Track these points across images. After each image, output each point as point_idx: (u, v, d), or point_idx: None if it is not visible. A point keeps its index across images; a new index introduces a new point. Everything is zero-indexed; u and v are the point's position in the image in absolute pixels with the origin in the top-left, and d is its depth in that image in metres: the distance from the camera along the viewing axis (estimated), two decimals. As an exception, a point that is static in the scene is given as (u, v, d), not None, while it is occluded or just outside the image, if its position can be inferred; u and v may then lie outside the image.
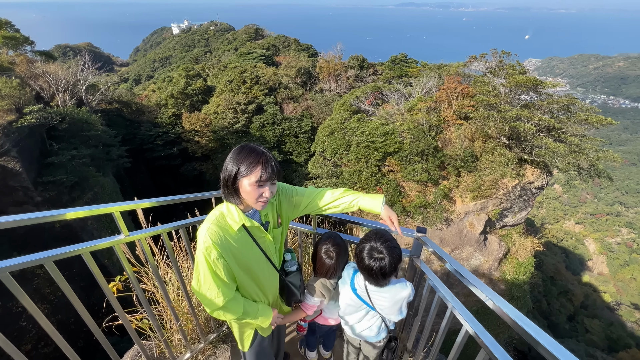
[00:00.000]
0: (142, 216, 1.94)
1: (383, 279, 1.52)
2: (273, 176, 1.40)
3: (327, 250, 1.78)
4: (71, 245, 1.40)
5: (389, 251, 1.47)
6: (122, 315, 1.70)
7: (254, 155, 1.36)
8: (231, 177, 1.38)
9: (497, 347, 0.93)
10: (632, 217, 51.65)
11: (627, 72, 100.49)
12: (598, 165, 15.44)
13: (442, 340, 1.36)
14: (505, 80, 16.45)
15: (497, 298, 1.03)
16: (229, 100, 25.49)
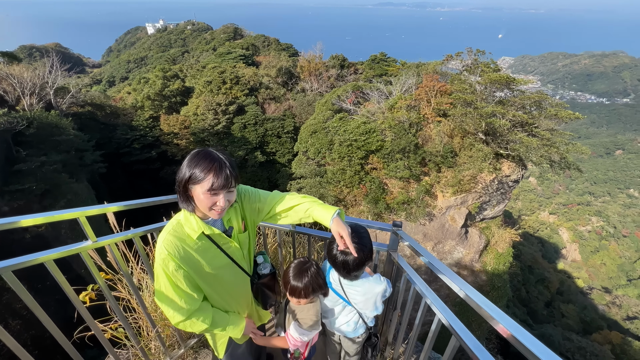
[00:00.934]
0: (114, 221, 1.86)
1: (347, 273, 1.53)
2: (227, 184, 1.32)
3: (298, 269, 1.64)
4: (33, 253, 1.32)
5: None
6: (92, 324, 1.63)
7: (208, 161, 1.28)
8: (182, 183, 1.31)
9: (467, 334, 0.96)
10: (600, 206, 54.77)
11: (592, 69, 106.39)
12: (568, 157, 16.28)
13: (418, 332, 1.39)
14: (480, 78, 17.01)
15: (467, 287, 1.06)
16: (208, 101, 24.99)
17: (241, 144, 24.84)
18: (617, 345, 28.07)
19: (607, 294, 40.87)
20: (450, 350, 1.02)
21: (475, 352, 0.88)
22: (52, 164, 16.14)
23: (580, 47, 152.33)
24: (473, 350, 0.89)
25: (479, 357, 0.87)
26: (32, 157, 15.66)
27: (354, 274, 1.54)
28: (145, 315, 1.86)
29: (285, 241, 2.74)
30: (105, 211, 1.58)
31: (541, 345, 0.80)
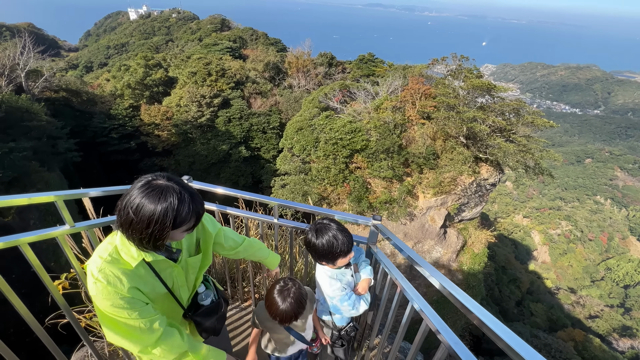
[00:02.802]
0: (90, 207, 1.81)
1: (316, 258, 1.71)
2: (197, 223, 1.17)
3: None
4: (7, 235, 1.27)
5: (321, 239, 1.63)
6: (67, 311, 1.58)
7: (186, 211, 1.06)
8: (160, 226, 1.05)
9: (437, 318, 1.03)
10: (569, 211, 57.80)
11: (567, 80, 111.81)
12: (542, 163, 17.09)
13: (392, 320, 1.46)
14: (463, 83, 17.52)
15: (441, 277, 1.13)
16: (192, 92, 24.37)
17: (225, 138, 24.43)
18: (579, 342, 29.95)
19: (572, 294, 43.34)
20: (421, 334, 1.09)
21: (442, 333, 0.94)
22: (22, 150, 15.27)
23: (558, 59, 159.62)
24: (441, 332, 0.96)
25: (446, 338, 0.93)
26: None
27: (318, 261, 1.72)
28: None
29: (267, 234, 2.76)
30: (83, 196, 1.54)
31: (505, 329, 0.87)
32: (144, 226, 1.01)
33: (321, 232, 1.61)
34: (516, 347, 0.79)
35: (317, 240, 1.61)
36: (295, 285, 1.53)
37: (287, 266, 2.63)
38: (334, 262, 1.63)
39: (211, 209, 2.11)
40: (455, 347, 0.91)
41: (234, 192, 1.97)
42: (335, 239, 1.57)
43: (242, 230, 2.55)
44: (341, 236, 1.57)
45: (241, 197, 2.01)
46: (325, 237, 1.59)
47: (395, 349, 1.45)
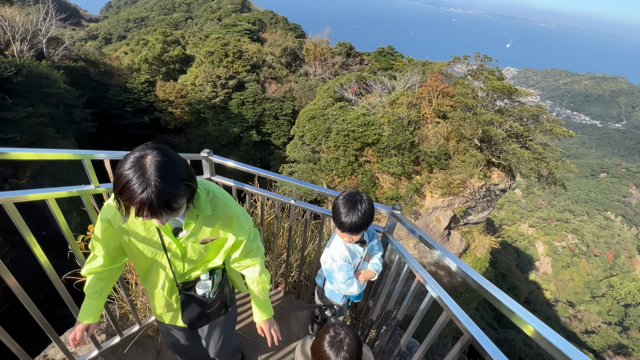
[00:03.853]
0: (111, 170, 1.83)
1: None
2: (157, 216, 1.02)
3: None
4: (34, 189, 1.30)
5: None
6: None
7: (129, 192, 0.95)
8: (114, 189, 1.01)
9: (457, 308, 1.02)
10: (577, 225, 56.78)
11: (591, 90, 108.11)
12: (556, 173, 16.71)
13: (407, 307, 1.45)
14: (483, 84, 17.08)
15: (460, 262, 1.11)
16: (208, 72, 24.32)
17: (237, 121, 24.44)
18: (572, 355, 29.87)
19: (570, 308, 43.00)
20: (440, 323, 1.08)
21: (464, 324, 0.93)
22: (39, 116, 15.54)
23: (583, 67, 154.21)
24: (462, 322, 0.95)
25: (469, 329, 0.91)
26: (17, 107, 15.02)
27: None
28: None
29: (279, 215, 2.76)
30: (109, 158, 1.56)
31: (524, 310, 0.84)
32: (113, 176, 1.04)
33: (346, 197, 1.61)
34: (540, 330, 0.77)
35: (338, 199, 1.63)
36: (349, 336, 1.25)
37: (298, 249, 2.65)
38: (339, 228, 1.64)
39: (228, 184, 2.11)
40: (477, 336, 0.90)
41: (253, 170, 1.97)
42: (344, 207, 1.57)
43: (257, 209, 2.56)
44: (351, 213, 1.54)
45: (259, 175, 2.01)
46: (341, 200, 1.60)
47: (405, 340, 1.45)
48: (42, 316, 1.48)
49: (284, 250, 2.57)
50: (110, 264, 1.36)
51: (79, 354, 1.81)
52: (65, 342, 1.89)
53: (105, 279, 1.38)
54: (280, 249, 2.62)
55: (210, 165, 2.07)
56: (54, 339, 1.56)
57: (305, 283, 2.68)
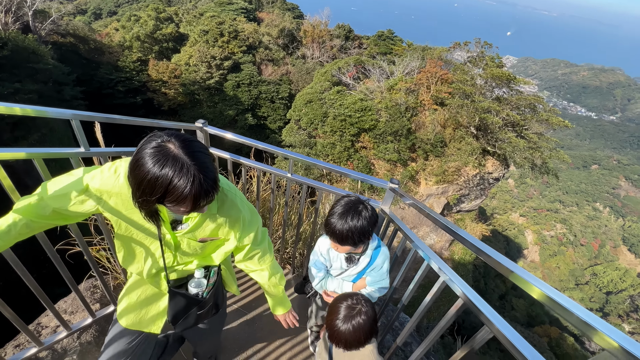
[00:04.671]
0: (100, 135, 1.78)
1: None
2: (205, 205, 0.94)
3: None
4: (21, 147, 1.25)
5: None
6: (79, 239, 1.59)
7: (177, 192, 0.84)
8: (142, 195, 0.87)
9: (451, 272, 1.03)
10: (566, 215, 58.05)
11: (589, 82, 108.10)
12: (549, 163, 16.89)
13: (402, 278, 1.46)
14: (483, 72, 16.93)
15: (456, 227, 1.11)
16: (203, 52, 23.65)
17: (232, 103, 24.02)
18: (554, 338, 31.23)
19: (555, 294, 44.48)
20: (437, 287, 1.09)
21: (462, 290, 0.94)
22: (27, 92, 15.05)
23: (583, 58, 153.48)
24: (460, 288, 0.95)
25: (467, 294, 0.92)
26: (4, 82, 14.51)
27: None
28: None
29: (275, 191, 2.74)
30: (98, 120, 1.50)
31: (507, 261, 0.84)
32: (135, 183, 0.86)
33: (349, 203, 1.38)
34: (539, 285, 0.77)
35: (341, 198, 1.44)
36: (366, 309, 1.19)
37: (294, 225, 2.65)
38: (324, 227, 1.45)
39: (224, 156, 2.07)
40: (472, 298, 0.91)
41: (250, 141, 1.93)
42: (340, 208, 1.37)
43: (253, 184, 2.54)
44: (341, 219, 1.34)
45: (256, 147, 1.97)
46: (343, 201, 1.39)
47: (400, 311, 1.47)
48: (36, 283, 1.46)
49: (280, 226, 2.56)
50: (43, 218, 1.09)
51: (72, 322, 1.81)
52: (59, 309, 1.89)
53: (22, 231, 1.07)
54: (276, 225, 2.62)
55: (205, 136, 2.03)
56: (48, 305, 1.55)
57: (300, 259, 2.70)
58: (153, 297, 1.36)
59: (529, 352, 0.70)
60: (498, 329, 0.77)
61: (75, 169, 1.12)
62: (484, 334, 0.84)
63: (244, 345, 2.11)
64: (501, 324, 0.79)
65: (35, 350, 1.57)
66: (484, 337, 0.84)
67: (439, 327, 1.07)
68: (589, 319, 0.55)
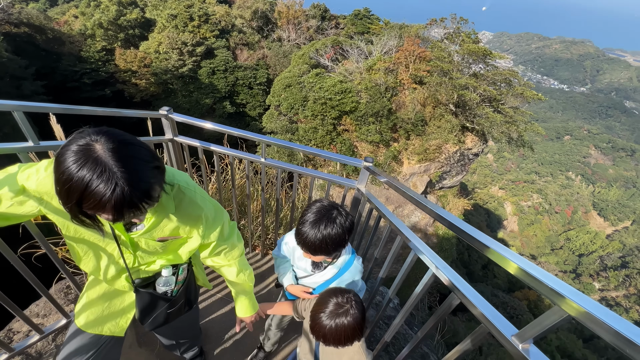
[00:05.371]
0: (59, 128, 1.66)
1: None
2: (138, 213, 0.82)
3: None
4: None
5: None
6: (42, 241, 1.49)
7: (95, 197, 0.73)
8: (59, 193, 0.77)
9: (423, 245, 1.04)
10: (542, 185, 60.88)
11: (561, 54, 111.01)
12: (525, 136, 17.47)
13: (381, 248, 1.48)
14: (459, 48, 17.00)
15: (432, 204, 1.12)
16: (172, 38, 22.48)
17: (209, 92, 23.20)
18: (532, 301, 33.54)
19: (533, 260, 47.31)
20: (409, 262, 1.11)
21: (431, 260, 0.95)
22: (-18, 90, 13.96)
23: (555, 31, 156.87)
24: (429, 259, 0.97)
25: (435, 263, 0.93)
26: (-46, 80, 13.38)
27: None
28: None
29: (252, 178, 2.69)
30: (49, 110, 1.39)
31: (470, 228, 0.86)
32: (54, 182, 0.76)
33: (322, 208, 1.23)
34: (511, 257, 0.80)
35: (315, 203, 1.27)
36: (354, 311, 1.09)
37: (273, 212, 2.62)
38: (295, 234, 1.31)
39: (193, 144, 2.00)
40: (441, 268, 0.92)
41: (220, 127, 1.86)
42: (312, 215, 1.22)
43: (227, 172, 2.47)
44: (313, 227, 1.19)
45: (228, 133, 1.90)
46: (316, 207, 1.24)
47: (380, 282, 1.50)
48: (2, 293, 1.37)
49: (260, 213, 2.53)
50: None
51: (45, 324, 1.75)
52: (30, 314, 1.81)
53: None
54: (256, 212, 2.58)
55: (171, 124, 1.93)
56: (14, 311, 1.48)
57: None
58: (115, 296, 1.27)
59: (489, 311, 0.72)
60: (463, 293, 0.79)
61: (10, 166, 1.00)
62: (451, 300, 0.86)
63: (230, 333, 2.11)
64: (465, 289, 0.80)
65: (6, 356, 1.51)
66: (451, 302, 0.86)
67: (414, 296, 1.09)
68: (557, 286, 0.56)
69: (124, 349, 1.95)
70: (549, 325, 0.57)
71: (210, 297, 2.28)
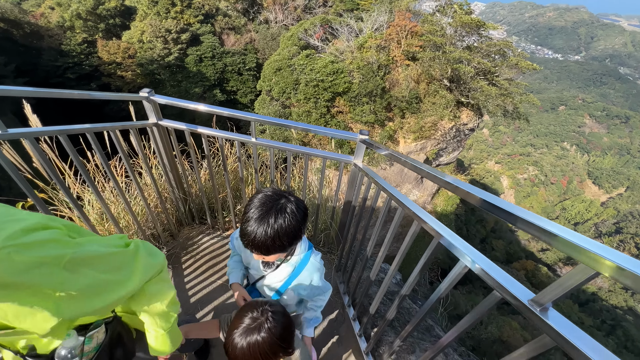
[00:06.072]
0: (35, 118, 1.56)
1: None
2: None
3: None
4: None
5: None
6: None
7: None
8: None
9: (427, 215, 0.98)
10: (537, 157, 61.20)
11: (555, 22, 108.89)
12: (520, 108, 17.32)
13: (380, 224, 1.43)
14: (452, 20, 16.54)
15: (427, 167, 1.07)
16: (155, 26, 21.65)
17: (197, 80, 22.62)
18: (530, 271, 34.47)
19: (529, 231, 48.17)
20: (411, 234, 1.06)
21: (436, 228, 0.89)
22: (-38, 91, 13.45)
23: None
24: (434, 227, 0.91)
25: (440, 232, 0.88)
26: None
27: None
28: (90, 229, 1.70)
29: (245, 162, 2.61)
30: (18, 94, 1.27)
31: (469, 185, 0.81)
32: None
33: (267, 198, 1.02)
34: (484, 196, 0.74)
35: (258, 193, 1.05)
36: (271, 324, 0.93)
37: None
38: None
39: (179, 127, 1.90)
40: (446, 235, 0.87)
41: (207, 107, 1.76)
42: (256, 209, 0.99)
43: (218, 156, 2.38)
44: (257, 222, 0.98)
45: (217, 113, 1.80)
46: (259, 197, 1.02)
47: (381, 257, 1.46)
48: None
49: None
50: None
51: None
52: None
53: None
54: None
55: (154, 107, 1.83)
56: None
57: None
58: None
59: (502, 276, 0.67)
60: (471, 259, 0.74)
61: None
62: (459, 268, 0.81)
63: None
64: (474, 255, 0.75)
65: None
66: (459, 271, 0.82)
67: (419, 266, 1.05)
68: (585, 244, 0.50)
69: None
70: (573, 285, 0.51)
71: (211, 285, 2.25)
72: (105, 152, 1.71)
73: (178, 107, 1.87)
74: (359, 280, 1.76)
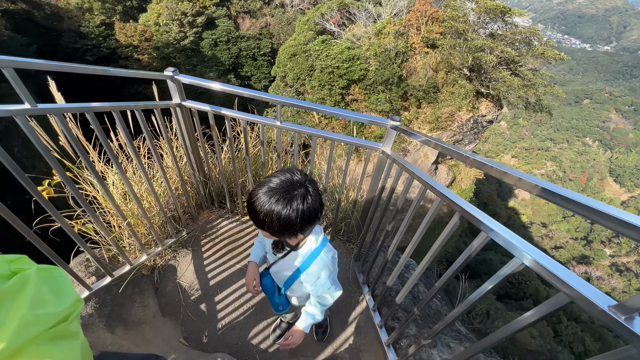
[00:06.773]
0: (60, 97, 1.55)
1: None
2: None
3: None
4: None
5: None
6: (57, 216, 1.43)
7: None
8: None
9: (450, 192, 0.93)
10: (557, 152, 59.07)
11: (585, 10, 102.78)
12: (543, 100, 16.59)
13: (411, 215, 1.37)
14: (475, 5, 15.77)
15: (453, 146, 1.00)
16: (171, 9, 21.55)
17: (212, 64, 22.56)
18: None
19: (543, 228, 47.15)
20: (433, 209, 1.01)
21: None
22: (-13, 71, 13.83)
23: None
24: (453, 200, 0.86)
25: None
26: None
27: None
28: (115, 208, 1.71)
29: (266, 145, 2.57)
30: (42, 67, 1.26)
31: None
32: None
33: (287, 182, 0.95)
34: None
35: (279, 172, 1.00)
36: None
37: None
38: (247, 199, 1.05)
39: (203, 109, 1.86)
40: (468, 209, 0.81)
41: (229, 88, 1.71)
42: (276, 186, 0.94)
43: (241, 137, 2.34)
44: (272, 201, 0.92)
45: (239, 94, 1.75)
46: (280, 177, 0.96)
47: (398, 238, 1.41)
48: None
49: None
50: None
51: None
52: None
53: None
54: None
55: (178, 87, 1.79)
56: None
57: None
58: None
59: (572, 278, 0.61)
60: (530, 257, 0.68)
61: None
62: (514, 266, 0.75)
63: (254, 300, 2.10)
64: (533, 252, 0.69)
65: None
66: (513, 268, 0.76)
67: (457, 264, 0.99)
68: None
69: (148, 318, 1.96)
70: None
71: (230, 269, 2.26)
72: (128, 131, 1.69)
73: (200, 87, 1.82)
74: (382, 271, 1.71)
